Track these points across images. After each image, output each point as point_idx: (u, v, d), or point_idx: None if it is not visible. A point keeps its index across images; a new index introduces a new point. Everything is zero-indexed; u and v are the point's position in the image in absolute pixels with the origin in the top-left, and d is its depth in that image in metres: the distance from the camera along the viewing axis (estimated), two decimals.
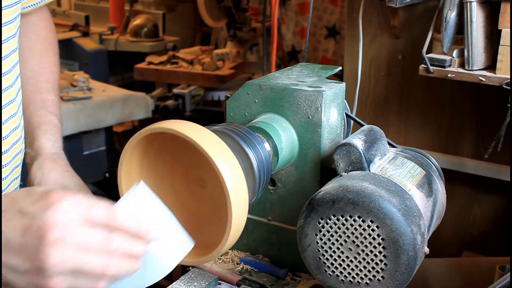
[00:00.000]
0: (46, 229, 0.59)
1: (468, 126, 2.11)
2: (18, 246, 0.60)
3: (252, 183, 0.82)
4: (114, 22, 4.00)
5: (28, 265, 0.59)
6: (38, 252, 0.59)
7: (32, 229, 0.59)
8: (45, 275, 0.59)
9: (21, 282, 0.61)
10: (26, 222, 0.60)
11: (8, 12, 0.89)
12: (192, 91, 3.36)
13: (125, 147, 0.78)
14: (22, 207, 0.61)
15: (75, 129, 2.57)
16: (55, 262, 0.59)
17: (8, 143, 0.92)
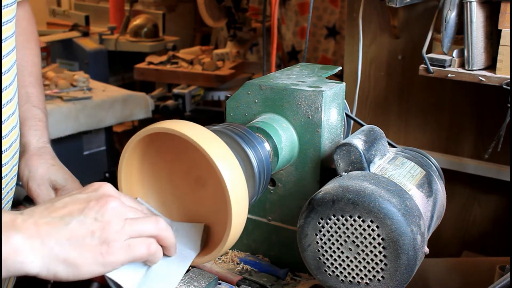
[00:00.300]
0: (105, 199, 0.67)
1: (468, 126, 2.11)
2: (79, 222, 0.65)
3: (252, 183, 0.82)
4: (114, 22, 4.01)
5: (90, 236, 0.65)
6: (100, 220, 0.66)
7: (91, 203, 0.67)
8: (107, 241, 0.65)
9: (85, 257, 0.65)
10: (82, 204, 0.67)
11: (7, 11, 0.89)
12: (192, 91, 3.36)
13: (125, 147, 0.78)
14: (73, 196, 0.68)
15: (75, 129, 2.57)
16: (117, 228, 0.66)
17: (7, 142, 0.93)
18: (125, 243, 0.67)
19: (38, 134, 1.08)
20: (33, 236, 0.63)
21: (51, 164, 1.05)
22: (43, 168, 1.04)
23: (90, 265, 0.65)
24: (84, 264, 0.65)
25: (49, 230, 0.64)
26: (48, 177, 1.04)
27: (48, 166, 1.05)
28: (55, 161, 1.07)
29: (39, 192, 1.03)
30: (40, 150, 1.07)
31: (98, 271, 0.66)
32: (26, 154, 1.04)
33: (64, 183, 1.05)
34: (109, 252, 0.65)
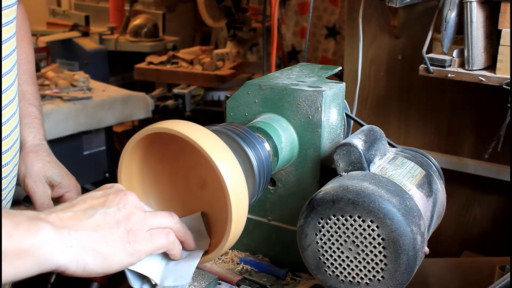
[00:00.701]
0: (122, 192, 0.70)
1: (468, 126, 2.11)
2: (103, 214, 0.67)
3: (252, 183, 0.82)
4: (114, 22, 4.00)
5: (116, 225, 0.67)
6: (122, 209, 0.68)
7: (110, 197, 0.69)
8: (133, 230, 0.68)
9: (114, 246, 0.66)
10: (101, 199, 0.69)
11: (8, 12, 0.89)
12: (192, 91, 3.36)
13: (125, 147, 0.78)
14: (92, 193, 0.70)
15: (75, 129, 2.57)
16: (140, 217, 0.69)
17: (9, 142, 0.93)
18: (147, 233, 0.69)
19: (34, 131, 1.09)
20: (60, 227, 0.63)
21: (47, 161, 1.06)
22: (39, 164, 1.05)
23: (118, 255, 0.66)
24: (113, 254, 0.66)
25: (75, 223, 0.65)
26: (44, 174, 1.05)
27: (44, 162, 1.06)
28: (51, 158, 1.08)
29: (36, 189, 1.03)
30: (36, 147, 1.07)
31: (127, 260, 0.67)
32: (22, 151, 1.05)
33: (60, 180, 1.06)
34: (136, 241, 0.67)
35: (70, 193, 1.07)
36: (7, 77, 0.90)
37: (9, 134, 0.93)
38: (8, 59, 0.91)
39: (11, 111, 0.93)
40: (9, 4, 0.89)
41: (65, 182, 1.06)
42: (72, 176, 1.09)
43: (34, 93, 1.13)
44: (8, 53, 0.90)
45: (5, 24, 0.88)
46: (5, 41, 0.89)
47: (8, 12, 0.89)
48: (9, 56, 0.91)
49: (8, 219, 0.60)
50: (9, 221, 0.60)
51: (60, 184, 1.06)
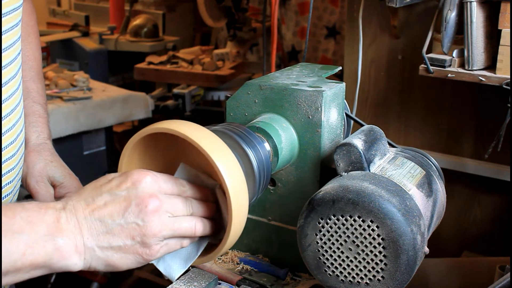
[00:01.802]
0: (145, 202, 0.66)
1: (468, 126, 2.11)
2: (120, 227, 0.66)
3: (252, 183, 0.82)
4: (114, 22, 4.00)
5: (131, 241, 0.66)
6: (142, 225, 0.66)
7: (132, 207, 0.66)
8: (148, 244, 0.67)
9: (126, 259, 0.67)
10: (122, 203, 0.67)
11: (16, 14, 0.88)
12: (192, 91, 3.36)
13: (125, 147, 0.78)
14: (112, 192, 0.68)
15: (75, 129, 2.57)
16: (157, 231, 0.67)
17: (13, 134, 0.92)
18: (163, 243, 0.69)
19: (38, 130, 1.08)
20: (76, 238, 0.65)
21: (49, 161, 1.06)
22: (41, 164, 1.04)
23: (129, 265, 0.68)
24: (124, 265, 0.68)
25: (91, 233, 0.66)
26: (46, 173, 1.04)
27: (46, 162, 1.05)
28: (53, 158, 1.07)
29: (38, 189, 1.03)
30: (39, 146, 1.06)
31: (136, 266, 0.69)
32: (25, 150, 1.04)
33: (62, 180, 1.05)
34: (149, 254, 0.68)
35: (71, 193, 1.06)
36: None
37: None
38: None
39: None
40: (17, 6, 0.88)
41: (67, 182, 1.05)
42: (76, 177, 1.07)
43: (39, 91, 1.12)
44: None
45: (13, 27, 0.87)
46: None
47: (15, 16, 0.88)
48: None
49: (25, 234, 0.62)
50: (26, 237, 0.62)
51: (62, 184, 1.05)
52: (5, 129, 0.89)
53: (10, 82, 0.89)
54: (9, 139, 0.90)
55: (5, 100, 0.88)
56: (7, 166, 0.90)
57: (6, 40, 0.86)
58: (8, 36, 0.87)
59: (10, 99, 0.89)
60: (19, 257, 0.62)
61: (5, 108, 0.88)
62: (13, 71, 0.90)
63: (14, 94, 0.91)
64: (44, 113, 1.11)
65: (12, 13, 0.86)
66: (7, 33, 0.86)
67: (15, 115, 0.92)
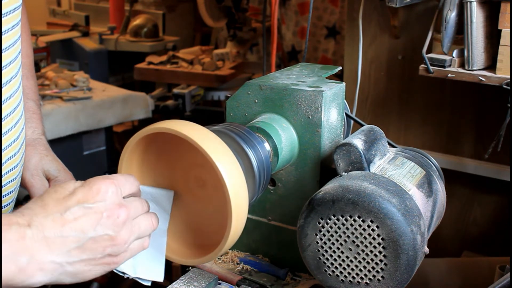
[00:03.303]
0: (115, 213, 0.66)
1: (468, 126, 2.11)
2: (91, 240, 0.65)
3: (252, 183, 0.82)
4: (114, 22, 4.00)
5: (102, 252, 0.66)
6: (113, 237, 0.66)
7: (103, 219, 0.66)
8: (116, 253, 0.67)
9: (95, 270, 0.67)
10: (94, 216, 0.65)
11: (16, 14, 0.88)
12: (192, 91, 3.36)
13: (125, 147, 0.78)
14: (81, 205, 0.66)
15: (75, 129, 2.57)
16: (126, 238, 0.67)
17: (17, 131, 0.92)
18: (129, 248, 0.69)
19: (33, 126, 1.08)
20: (44, 254, 0.63)
21: (44, 155, 1.06)
22: (36, 158, 1.05)
23: (97, 275, 0.68)
24: (92, 276, 0.68)
25: (61, 250, 0.64)
26: (41, 167, 1.05)
27: (41, 156, 1.06)
28: (48, 152, 1.08)
29: (33, 182, 1.03)
30: (34, 141, 1.07)
31: (101, 274, 0.69)
32: None
33: (57, 174, 1.06)
34: (116, 262, 0.68)
35: None
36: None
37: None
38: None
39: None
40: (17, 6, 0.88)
41: (62, 176, 1.06)
42: (69, 172, 1.08)
43: (32, 87, 1.12)
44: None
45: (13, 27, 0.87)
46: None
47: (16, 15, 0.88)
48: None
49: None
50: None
51: (57, 178, 1.06)
52: (8, 128, 0.89)
53: (12, 81, 0.89)
54: (12, 138, 0.90)
55: (7, 99, 0.88)
56: (9, 164, 0.90)
57: (6, 40, 0.86)
58: (9, 36, 0.87)
59: (11, 98, 0.89)
60: None
61: (7, 107, 0.88)
62: (14, 70, 0.90)
63: (16, 93, 0.91)
64: (38, 109, 1.12)
65: (12, 12, 0.87)
66: (7, 33, 0.86)
67: (17, 114, 0.92)
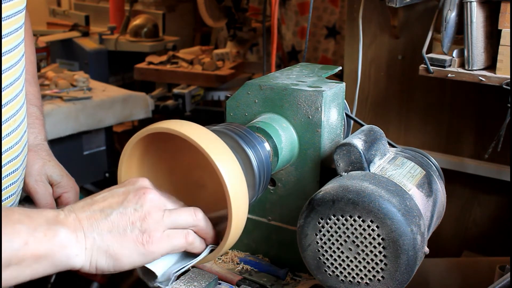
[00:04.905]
0: (142, 191, 0.69)
1: (468, 126, 2.11)
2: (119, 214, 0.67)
3: (252, 183, 0.82)
4: (114, 22, 4.00)
5: (131, 226, 0.67)
6: (139, 210, 0.68)
7: (130, 197, 0.69)
8: (148, 231, 0.68)
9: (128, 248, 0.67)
10: (121, 197, 0.69)
11: (19, 17, 0.88)
12: (192, 91, 3.36)
13: (125, 147, 0.78)
14: (111, 191, 0.70)
15: (75, 129, 2.57)
16: (155, 215, 0.69)
17: (19, 133, 0.92)
18: (164, 233, 0.69)
19: (35, 132, 1.09)
20: (76, 229, 0.65)
21: (47, 160, 1.07)
22: (39, 163, 1.05)
23: (131, 256, 0.67)
24: (125, 255, 0.67)
25: (91, 223, 0.66)
26: (44, 172, 1.05)
27: (44, 161, 1.06)
28: (51, 158, 1.08)
29: (37, 188, 1.03)
30: (37, 147, 1.07)
31: (139, 261, 0.68)
32: None
33: (60, 180, 1.06)
34: (149, 242, 0.67)
35: (68, 193, 1.07)
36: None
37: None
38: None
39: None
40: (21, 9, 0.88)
41: (64, 182, 1.06)
42: (71, 177, 1.09)
43: (35, 94, 1.13)
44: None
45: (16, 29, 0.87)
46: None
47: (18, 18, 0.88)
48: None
49: (25, 225, 0.62)
50: (26, 227, 0.62)
51: (59, 184, 1.06)
52: (10, 130, 0.89)
53: (15, 84, 0.89)
54: (14, 140, 0.90)
55: (10, 101, 0.88)
56: (11, 166, 0.90)
57: (10, 42, 0.86)
58: (12, 38, 0.87)
59: (14, 101, 0.90)
60: (21, 246, 0.61)
61: (9, 109, 0.88)
62: (17, 72, 0.90)
63: (19, 95, 0.91)
64: (41, 115, 1.12)
65: (15, 15, 0.87)
66: (10, 36, 0.86)
67: (19, 116, 0.92)
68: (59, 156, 1.12)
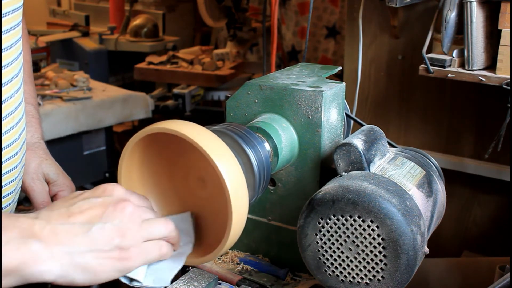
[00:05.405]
0: (121, 205, 0.67)
1: (468, 126, 2.11)
2: (98, 229, 0.66)
3: (252, 183, 0.82)
4: (114, 22, 4.00)
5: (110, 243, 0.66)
6: (118, 225, 0.66)
7: (109, 209, 0.67)
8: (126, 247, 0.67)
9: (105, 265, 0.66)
10: (99, 207, 0.67)
11: (17, 15, 0.88)
12: (192, 91, 3.36)
13: (125, 147, 0.78)
14: (88, 199, 0.68)
15: (75, 129, 2.57)
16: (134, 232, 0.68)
17: (17, 131, 0.92)
18: (141, 247, 0.68)
19: (32, 130, 1.09)
20: (53, 243, 0.63)
21: (44, 159, 1.07)
22: (36, 161, 1.05)
23: (108, 272, 0.66)
24: (102, 271, 0.66)
25: (70, 238, 0.64)
26: (41, 171, 1.05)
27: (41, 159, 1.06)
28: (47, 156, 1.08)
29: (34, 186, 1.03)
30: (34, 145, 1.08)
31: (115, 276, 0.67)
32: None
33: (56, 178, 1.06)
34: (127, 258, 0.67)
35: (64, 192, 1.07)
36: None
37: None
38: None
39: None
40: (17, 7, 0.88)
41: (60, 180, 1.07)
42: (68, 176, 1.09)
43: (31, 92, 1.13)
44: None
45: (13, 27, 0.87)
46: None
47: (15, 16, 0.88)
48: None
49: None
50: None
51: (55, 182, 1.06)
52: (8, 127, 0.89)
53: (13, 81, 0.89)
54: (12, 138, 0.90)
55: (8, 98, 0.88)
56: (9, 164, 0.90)
57: (7, 40, 0.86)
58: (10, 35, 0.87)
59: (12, 98, 0.90)
60: None
61: (8, 106, 0.88)
62: (15, 70, 0.90)
63: (17, 93, 0.91)
64: (37, 113, 1.12)
65: (13, 13, 0.87)
66: (9, 33, 0.86)
67: (18, 113, 0.92)
68: (59, 156, 1.12)
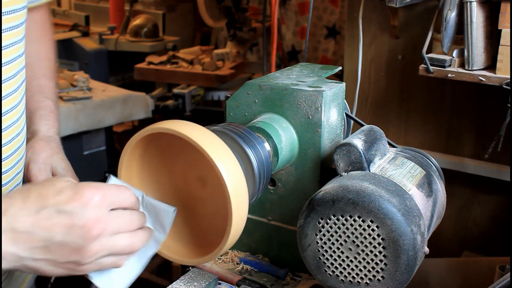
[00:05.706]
0: (89, 225, 0.63)
1: (468, 126, 2.11)
2: (58, 245, 0.64)
3: (252, 183, 0.82)
4: (114, 22, 4.00)
5: (67, 258, 0.64)
6: (81, 247, 0.64)
7: (76, 228, 0.63)
8: (81, 263, 0.65)
9: (56, 271, 0.66)
10: (67, 221, 0.63)
11: (16, 16, 0.88)
12: (192, 91, 3.36)
13: (125, 147, 0.78)
14: (59, 207, 0.64)
15: (75, 129, 2.57)
16: (93, 253, 0.65)
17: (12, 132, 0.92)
18: (97, 262, 0.67)
19: (49, 123, 1.08)
20: (7, 246, 0.63)
21: (56, 152, 1.05)
22: (47, 153, 1.03)
23: (59, 275, 0.67)
24: (53, 274, 0.67)
25: (26, 244, 0.63)
26: (50, 163, 1.03)
27: (52, 152, 1.04)
28: (60, 151, 1.07)
29: (39, 177, 1.01)
30: (49, 138, 1.07)
31: (67, 275, 0.68)
32: (33, 139, 1.04)
33: (64, 174, 1.04)
34: (79, 270, 0.67)
35: None
36: (10, 82, 0.89)
37: (13, 138, 0.92)
38: (14, 63, 0.90)
39: (13, 118, 0.92)
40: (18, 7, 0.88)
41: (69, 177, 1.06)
42: (76, 176, 1.07)
43: (51, 88, 1.13)
44: (13, 57, 0.89)
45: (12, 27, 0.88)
46: (11, 45, 0.88)
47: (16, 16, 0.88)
48: (15, 61, 0.90)
49: None
50: None
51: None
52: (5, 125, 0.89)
53: (12, 79, 0.90)
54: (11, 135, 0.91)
55: (5, 97, 0.89)
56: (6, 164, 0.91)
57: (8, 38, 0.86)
58: (11, 34, 0.87)
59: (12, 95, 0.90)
60: None
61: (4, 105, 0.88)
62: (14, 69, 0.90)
63: (15, 92, 0.92)
64: (55, 109, 1.12)
65: (12, 13, 0.87)
66: (9, 32, 0.87)
67: (16, 112, 0.92)
68: None
